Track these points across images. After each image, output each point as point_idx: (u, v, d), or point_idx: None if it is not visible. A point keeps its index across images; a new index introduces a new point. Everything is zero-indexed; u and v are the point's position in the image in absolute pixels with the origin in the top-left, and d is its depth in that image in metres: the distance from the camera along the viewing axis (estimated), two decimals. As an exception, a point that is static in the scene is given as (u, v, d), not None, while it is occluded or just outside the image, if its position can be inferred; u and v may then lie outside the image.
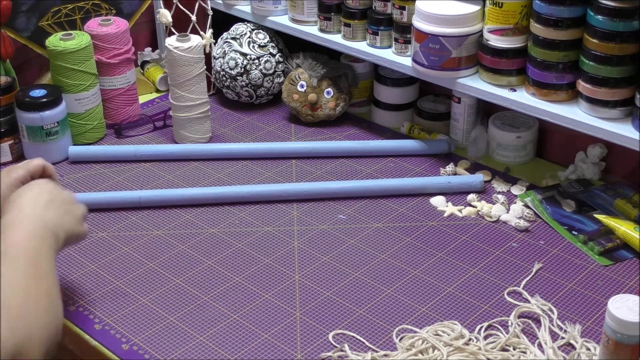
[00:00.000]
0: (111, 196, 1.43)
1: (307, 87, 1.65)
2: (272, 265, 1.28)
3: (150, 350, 1.12)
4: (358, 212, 1.40)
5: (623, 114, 1.28)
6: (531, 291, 1.21)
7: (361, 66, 1.68)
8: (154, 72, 1.83)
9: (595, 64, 1.26)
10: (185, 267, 1.28)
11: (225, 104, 1.77)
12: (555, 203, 1.39)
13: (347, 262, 1.29)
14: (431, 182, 1.45)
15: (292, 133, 1.66)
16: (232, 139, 1.64)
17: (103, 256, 1.31)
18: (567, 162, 1.49)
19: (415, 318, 1.17)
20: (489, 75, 1.41)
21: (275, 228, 1.37)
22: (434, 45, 1.42)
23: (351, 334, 1.14)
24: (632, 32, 1.22)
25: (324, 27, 1.61)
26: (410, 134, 1.62)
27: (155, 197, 1.43)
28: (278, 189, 1.44)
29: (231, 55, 1.67)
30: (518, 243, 1.32)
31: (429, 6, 1.42)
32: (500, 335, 1.12)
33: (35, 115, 1.51)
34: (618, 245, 1.29)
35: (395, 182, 1.46)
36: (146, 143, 1.63)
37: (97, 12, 1.73)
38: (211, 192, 1.44)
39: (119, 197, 1.43)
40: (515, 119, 1.54)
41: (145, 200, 1.42)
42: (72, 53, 1.54)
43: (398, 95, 1.66)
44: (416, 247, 1.32)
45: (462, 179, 1.45)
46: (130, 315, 1.18)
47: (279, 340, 1.13)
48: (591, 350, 1.09)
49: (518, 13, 1.35)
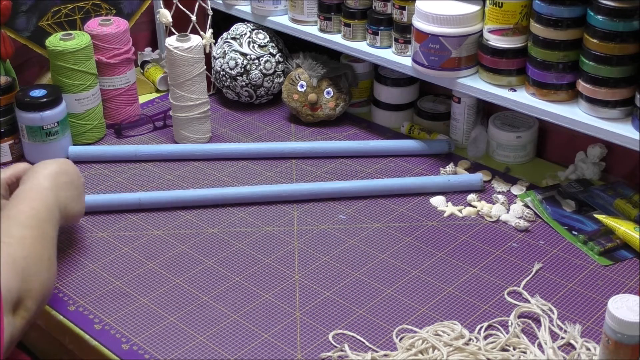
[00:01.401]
0: (110, 198, 1.43)
1: (307, 87, 1.65)
2: (272, 265, 1.28)
3: (150, 350, 1.12)
4: (358, 212, 1.40)
5: (623, 114, 1.28)
6: (531, 291, 1.21)
7: (361, 66, 1.68)
8: (154, 72, 1.83)
9: (595, 64, 1.26)
10: (185, 267, 1.28)
11: (225, 104, 1.77)
12: (555, 203, 1.39)
13: (347, 262, 1.29)
14: (431, 181, 1.45)
15: (292, 133, 1.66)
16: (232, 139, 1.64)
17: (103, 256, 1.31)
18: (567, 162, 1.49)
19: (415, 318, 1.17)
20: (489, 75, 1.41)
21: (275, 228, 1.37)
22: (434, 45, 1.42)
23: (351, 334, 1.14)
24: (632, 32, 1.22)
25: (324, 27, 1.61)
26: (410, 134, 1.62)
27: (155, 198, 1.43)
28: (278, 189, 1.44)
29: (231, 55, 1.67)
30: (518, 243, 1.32)
31: (429, 6, 1.42)
32: (500, 335, 1.12)
33: (35, 115, 1.51)
34: (618, 245, 1.29)
35: (394, 181, 1.46)
36: (146, 143, 1.63)
37: (97, 12, 1.73)
38: (211, 193, 1.44)
39: (118, 199, 1.43)
40: (515, 119, 1.54)
41: (146, 201, 1.42)
42: (72, 53, 1.54)
43: (398, 95, 1.66)
44: (416, 247, 1.32)
45: (461, 178, 1.45)
46: (130, 315, 1.18)
47: (279, 340, 1.13)
48: (591, 350, 1.09)
49: (518, 13, 1.35)
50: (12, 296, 0.98)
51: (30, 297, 1.01)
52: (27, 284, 1.01)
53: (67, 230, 1.36)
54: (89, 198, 1.42)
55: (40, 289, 1.04)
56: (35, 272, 1.04)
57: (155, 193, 1.45)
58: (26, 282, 1.01)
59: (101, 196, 1.44)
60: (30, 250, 1.06)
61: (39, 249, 1.08)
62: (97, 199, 1.43)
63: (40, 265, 1.06)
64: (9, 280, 0.98)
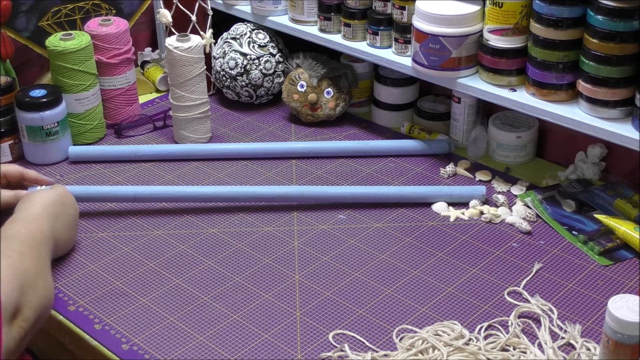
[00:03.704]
0: (106, 191, 1.44)
1: (307, 87, 1.65)
2: (272, 265, 1.28)
3: (150, 350, 1.12)
4: (358, 212, 1.40)
5: (623, 114, 1.28)
6: (531, 291, 1.21)
7: (361, 66, 1.68)
8: (154, 72, 1.83)
9: (595, 64, 1.26)
10: (185, 267, 1.28)
11: (225, 104, 1.77)
12: (555, 203, 1.39)
13: (347, 262, 1.29)
14: (433, 193, 1.42)
15: (292, 133, 1.66)
16: (232, 139, 1.64)
17: (103, 256, 1.31)
18: (567, 162, 1.49)
19: (415, 318, 1.17)
20: (489, 75, 1.41)
21: (275, 228, 1.37)
22: (434, 45, 1.42)
23: (351, 334, 1.14)
24: (632, 32, 1.22)
25: (324, 27, 1.61)
26: (410, 134, 1.62)
27: (152, 194, 1.43)
28: (278, 191, 1.44)
29: (231, 55, 1.67)
30: (518, 243, 1.32)
31: (429, 6, 1.42)
32: (500, 335, 1.12)
33: (35, 115, 1.51)
34: (618, 245, 1.29)
35: (396, 189, 1.44)
36: (146, 143, 1.63)
37: (97, 12, 1.73)
38: (209, 191, 1.44)
39: (113, 192, 1.43)
40: (515, 119, 1.54)
41: (141, 196, 1.42)
42: (72, 53, 1.54)
43: (398, 95, 1.66)
44: (416, 247, 1.32)
45: (463, 191, 1.43)
46: (130, 315, 1.18)
47: (279, 340, 1.13)
48: (591, 350, 1.09)
49: (518, 13, 1.35)
50: (11, 307, 0.99)
51: (29, 307, 1.03)
52: (26, 295, 1.03)
53: (67, 230, 1.36)
54: (87, 189, 1.42)
55: (37, 302, 1.05)
56: (34, 285, 1.06)
57: (152, 188, 1.45)
58: (25, 294, 1.03)
59: (97, 188, 1.45)
60: (29, 265, 1.08)
61: (37, 266, 1.10)
62: (92, 190, 1.43)
63: (37, 281, 1.07)
64: (9, 290, 1.00)
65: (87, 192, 1.41)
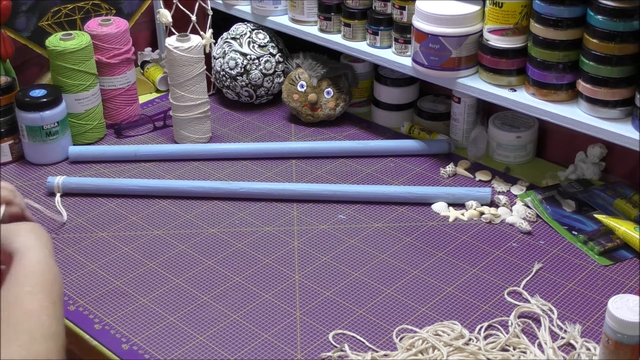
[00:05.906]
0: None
1: (307, 87, 1.65)
2: (272, 265, 1.28)
3: (150, 350, 1.12)
4: (358, 212, 1.40)
5: (623, 114, 1.28)
6: (531, 291, 1.21)
7: (361, 66, 1.68)
8: (154, 72, 1.83)
9: (595, 64, 1.26)
10: (185, 267, 1.28)
11: (225, 104, 1.77)
12: (555, 203, 1.39)
13: (347, 262, 1.29)
14: (438, 194, 1.42)
15: (292, 133, 1.66)
16: (232, 139, 1.64)
17: (103, 256, 1.31)
18: (567, 162, 1.49)
19: (415, 318, 1.17)
20: (489, 75, 1.41)
21: (275, 228, 1.37)
22: (434, 45, 1.42)
23: (351, 334, 1.14)
24: (632, 32, 1.22)
25: (324, 27, 1.61)
26: (410, 134, 1.62)
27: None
28: (278, 188, 1.44)
29: (231, 55, 1.67)
30: (518, 243, 1.32)
31: (429, 6, 1.42)
32: (500, 335, 1.12)
33: (35, 115, 1.51)
34: (618, 245, 1.29)
35: (397, 189, 1.44)
36: (146, 143, 1.63)
37: (97, 12, 1.73)
38: (208, 186, 1.45)
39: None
40: (515, 119, 1.54)
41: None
42: (72, 53, 1.54)
43: (398, 95, 1.66)
44: (416, 247, 1.32)
45: (468, 192, 1.42)
46: (130, 315, 1.18)
47: (279, 340, 1.13)
48: (591, 350, 1.09)
49: (518, 13, 1.35)
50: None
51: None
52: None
53: (68, 230, 1.36)
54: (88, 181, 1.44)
55: (52, 342, 0.91)
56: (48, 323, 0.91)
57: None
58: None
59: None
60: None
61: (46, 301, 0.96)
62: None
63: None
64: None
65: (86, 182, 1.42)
